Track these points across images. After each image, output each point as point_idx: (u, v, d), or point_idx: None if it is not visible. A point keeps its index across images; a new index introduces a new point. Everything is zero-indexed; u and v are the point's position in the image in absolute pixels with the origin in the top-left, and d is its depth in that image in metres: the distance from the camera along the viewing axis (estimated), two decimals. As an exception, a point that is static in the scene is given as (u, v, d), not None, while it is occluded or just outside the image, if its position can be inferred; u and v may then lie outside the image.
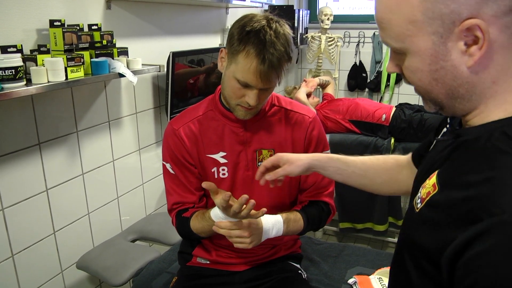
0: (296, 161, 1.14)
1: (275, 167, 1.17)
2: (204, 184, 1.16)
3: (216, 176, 1.37)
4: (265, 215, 1.26)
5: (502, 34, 0.59)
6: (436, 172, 0.70)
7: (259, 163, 1.36)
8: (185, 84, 2.33)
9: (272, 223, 1.28)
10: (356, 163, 1.14)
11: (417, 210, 0.71)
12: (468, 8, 0.57)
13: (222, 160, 1.36)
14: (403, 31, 0.63)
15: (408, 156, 1.11)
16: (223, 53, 1.26)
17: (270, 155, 1.34)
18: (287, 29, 1.21)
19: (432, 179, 0.69)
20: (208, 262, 1.48)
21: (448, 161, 0.70)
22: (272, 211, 1.33)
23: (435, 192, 0.67)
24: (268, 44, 1.14)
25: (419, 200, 0.71)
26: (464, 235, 0.56)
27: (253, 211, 1.15)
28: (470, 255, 0.55)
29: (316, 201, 1.44)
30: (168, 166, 1.38)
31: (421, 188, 0.73)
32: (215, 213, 1.24)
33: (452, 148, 0.70)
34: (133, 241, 2.09)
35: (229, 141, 1.35)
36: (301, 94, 2.98)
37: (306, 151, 1.39)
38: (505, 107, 0.63)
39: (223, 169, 1.36)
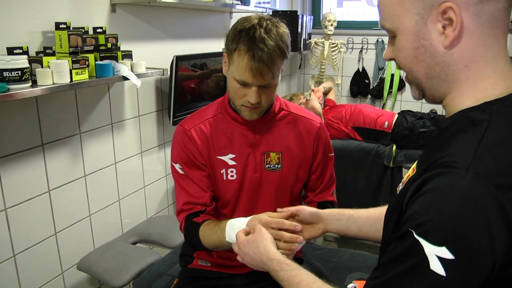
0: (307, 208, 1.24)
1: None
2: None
3: (224, 178, 1.37)
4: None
5: (473, 21, 0.66)
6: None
7: (266, 166, 1.38)
8: (188, 88, 2.34)
9: None
10: (361, 217, 1.22)
11: (397, 193, 0.79)
12: None
13: (231, 162, 1.37)
14: (394, 12, 0.73)
15: None
16: (225, 57, 1.28)
17: (278, 158, 1.37)
18: (281, 27, 1.23)
19: (413, 165, 0.79)
20: (209, 264, 1.48)
21: (427, 148, 0.79)
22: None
23: (413, 174, 0.75)
24: (258, 40, 1.16)
25: (400, 184, 0.80)
26: (416, 183, 0.66)
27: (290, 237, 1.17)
28: (416, 196, 0.65)
29: (323, 202, 1.49)
30: (177, 166, 1.38)
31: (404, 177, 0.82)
32: (232, 238, 1.22)
33: (433, 137, 0.75)
34: (134, 243, 2.09)
35: (238, 144, 1.36)
36: (316, 103, 2.97)
37: (314, 155, 1.43)
38: (474, 94, 0.70)
39: (232, 171, 1.37)
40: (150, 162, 2.34)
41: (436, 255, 0.59)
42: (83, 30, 1.67)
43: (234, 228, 1.22)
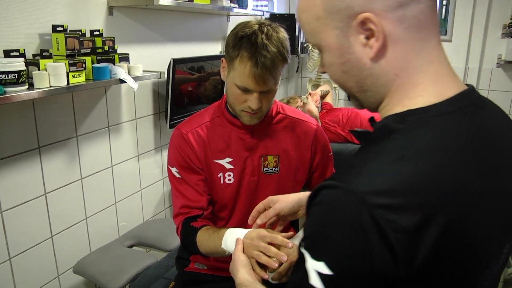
0: (285, 198, 1.17)
1: (267, 209, 1.18)
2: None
3: (222, 182, 1.37)
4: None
5: (396, 27, 0.62)
6: None
7: (264, 169, 1.38)
8: (185, 91, 2.34)
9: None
10: None
11: None
12: (359, 3, 0.61)
13: (228, 166, 1.37)
14: (314, 28, 0.68)
15: None
16: (223, 62, 1.28)
17: (275, 161, 1.37)
18: (281, 32, 1.23)
19: None
20: (205, 267, 1.48)
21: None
22: None
23: None
24: (260, 47, 1.17)
25: None
26: (313, 190, 0.63)
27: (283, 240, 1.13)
28: (309, 206, 0.62)
29: None
30: (174, 170, 1.37)
31: None
32: (228, 247, 1.21)
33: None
34: (130, 246, 2.09)
35: (235, 147, 1.36)
36: (313, 106, 2.98)
37: (313, 156, 1.43)
38: (404, 102, 0.65)
39: (229, 175, 1.37)
40: (147, 165, 2.34)
41: (315, 269, 0.58)
42: (80, 33, 1.67)
43: (233, 236, 1.21)
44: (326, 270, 0.57)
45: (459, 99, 0.62)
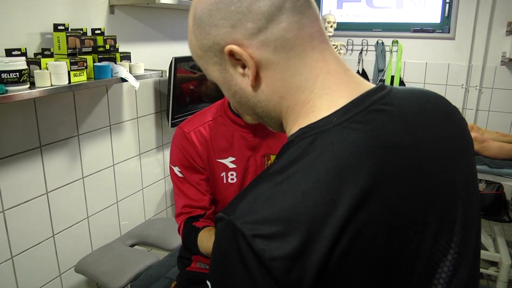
0: None
1: None
2: None
3: (225, 181, 1.37)
4: None
5: (263, 52, 0.61)
6: None
7: None
8: (187, 90, 2.33)
9: None
10: None
11: None
12: (222, 38, 0.62)
13: (231, 165, 1.36)
14: (202, 65, 0.69)
15: None
16: None
17: None
18: None
19: None
20: (207, 267, 1.47)
21: None
22: None
23: None
24: None
25: None
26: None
27: None
28: None
29: None
30: (176, 169, 1.37)
31: None
32: None
33: None
34: (132, 245, 2.09)
35: (238, 146, 1.36)
36: None
37: None
38: (299, 122, 0.63)
39: (232, 174, 1.36)
40: (149, 164, 2.34)
41: None
42: (81, 32, 1.67)
43: None
44: None
45: (350, 108, 0.60)
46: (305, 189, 0.54)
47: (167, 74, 2.14)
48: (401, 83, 3.59)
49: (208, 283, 0.59)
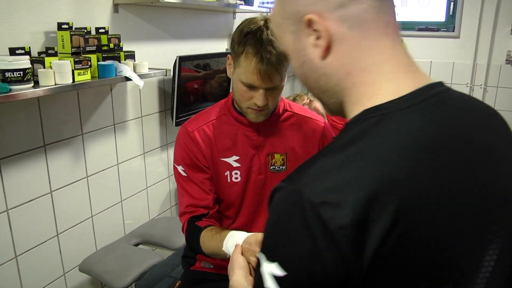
0: None
1: None
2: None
3: (229, 180, 1.36)
4: None
5: (339, 27, 0.64)
6: None
7: (271, 167, 1.37)
8: (191, 89, 2.33)
9: None
10: None
11: None
12: (304, 6, 0.65)
13: (235, 164, 1.36)
14: (278, 33, 0.74)
15: None
16: (229, 59, 1.27)
17: (282, 159, 1.36)
18: None
19: None
20: (212, 266, 1.47)
21: None
22: None
23: None
24: (265, 43, 1.15)
25: None
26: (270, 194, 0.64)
27: None
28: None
29: None
30: (180, 168, 1.36)
31: None
32: (228, 250, 1.19)
33: None
34: (136, 245, 2.08)
35: (242, 145, 1.35)
36: (319, 104, 2.96)
37: None
38: (362, 101, 0.65)
39: (236, 173, 1.36)
40: (153, 163, 2.33)
41: (269, 272, 0.58)
42: (85, 31, 1.66)
43: (234, 239, 1.20)
44: (279, 272, 0.57)
45: (415, 95, 0.62)
46: (374, 160, 0.56)
47: (171, 73, 2.13)
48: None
49: (260, 255, 0.60)
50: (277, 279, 0.57)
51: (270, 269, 0.58)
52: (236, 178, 1.36)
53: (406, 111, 0.61)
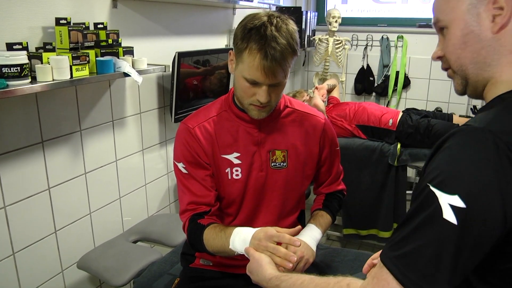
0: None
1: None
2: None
3: (229, 177, 1.35)
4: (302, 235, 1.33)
5: None
6: None
7: (272, 164, 1.36)
8: (190, 85, 2.31)
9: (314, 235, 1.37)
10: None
11: None
12: None
13: (236, 161, 1.35)
14: (450, 2, 0.80)
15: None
16: (231, 55, 1.26)
17: (283, 156, 1.37)
18: (290, 24, 1.21)
19: None
20: (211, 264, 1.46)
21: None
22: (282, 209, 1.39)
23: None
24: (270, 39, 1.14)
25: None
26: (434, 147, 0.71)
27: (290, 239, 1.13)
28: (433, 158, 0.69)
29: (332, 192, 1.54)
30: (180, 165, 1.35)
31: None
32: (236, 247, 1.19)
33: None
34: (135, 242, 2.07)
35: (243, 142, 1.34)
36: (319, 100, 2.95)
37: (321, 151, 1.44)
38: None
39: (237, 170, 1.35)
40: (152, 160, 2.32)
41: (449, 203, 0.62)
42: (83, 26, 1.65)
43: (240, 237, 1.19)
44: (460, 203, 0.61)
45: None
46: None
47: (171, 69, 2.12)
48: (406, 78, 3.56)
49: (435, 190, 0.64)
50: (456, 210, 0.62)
51: (450, 201, 0.62)
52: (237, 175, 1.35)
53: None
